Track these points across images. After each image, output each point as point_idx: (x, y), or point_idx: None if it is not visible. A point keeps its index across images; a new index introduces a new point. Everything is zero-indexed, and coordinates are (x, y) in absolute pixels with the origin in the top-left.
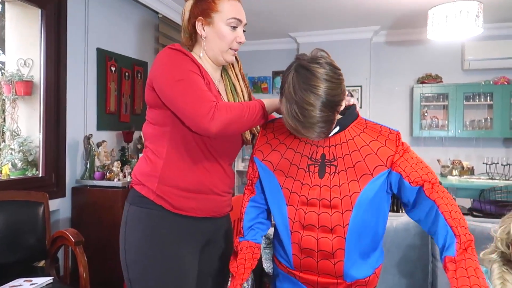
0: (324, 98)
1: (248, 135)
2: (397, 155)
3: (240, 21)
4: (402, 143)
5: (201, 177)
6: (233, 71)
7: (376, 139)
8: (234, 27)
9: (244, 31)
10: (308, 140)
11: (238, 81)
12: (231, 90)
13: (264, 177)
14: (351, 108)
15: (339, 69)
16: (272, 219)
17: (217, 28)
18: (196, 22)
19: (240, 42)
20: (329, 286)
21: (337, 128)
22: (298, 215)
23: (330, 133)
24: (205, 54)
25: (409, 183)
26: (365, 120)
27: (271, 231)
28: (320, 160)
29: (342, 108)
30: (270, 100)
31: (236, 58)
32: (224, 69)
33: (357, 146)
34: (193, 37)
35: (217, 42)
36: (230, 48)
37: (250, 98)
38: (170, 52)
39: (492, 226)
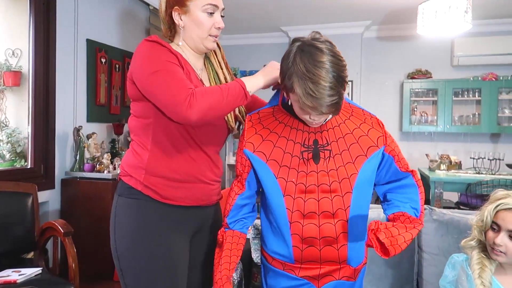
0: (334, 72)
1: (232, 122)
2: (388, 138)
3: (216, 6)
4: (384, 127)
5: (187, 167)
6: (216, 59)
7: (364, 122)
8: (211, 13)
9: (222, 16)
10: (299, 127)
11: (221, 68)
12: (214, 78)
13: (258, 169)
14: None
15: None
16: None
17: (193, 16)
18: (173, 12)
19: (219, 28)
20: (332, 273)
21: (330, 116)
22: (296, 204)
23: (340, 109)
24: (185, 43)
25: (399, 168)
26: (349, 103)
27: (259, 221)
28: (313, 146)
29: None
30: (250, 78)
31: (218, 45)
32: (206, 57)
33: (349, 129)
34: (172, 28)
35: (195, 30)
36: (210, 35)
37: None
38: (146, 44)
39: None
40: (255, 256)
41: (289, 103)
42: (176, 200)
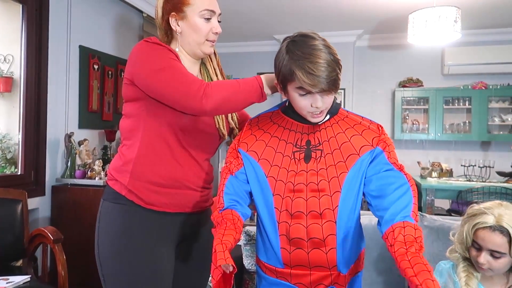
0: (328, 53)
1: (224, 130)
2: (383, 137)
3: (213, 11)
4: (384, 130)
5: (174, 172)
6: (211, 65)
7: (360, 124)
8: (208, 19)
9: (219, 21)
10: (292, 127)
11: (216, 75)
12: None
13: (249, 168)
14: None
15: None
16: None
17: (191, 21)
18: (170, 18)
19: (216, 33)
20: (323, 281)
21: (328, 117)
22: (285, 204)
23: (338, 88)
24: (181, 49)
25: (387, 158)
26: (347, 111)
27: (252, 228)
28: (306, 147)
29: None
30: (269, 76)
31: (214, 51)
32: (202, 63)
33: (341, 128)
34: (169, 34)
35: (192, 35)
36: (207, 40)
37: None
38: (147, 45)
39: None
40: (247, 262)
41: (287, 104)
42: (160, 206)
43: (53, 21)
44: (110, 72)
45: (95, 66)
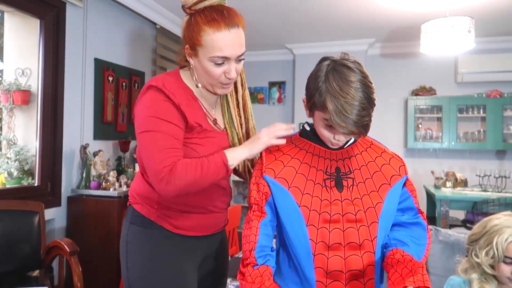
0: (365, 92)
1: (246, 175)
2: (406, 169)
3: (226, 58)
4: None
5: (199, 197)
6: (234, 97)
7: (385, 151)
8: (220, 64)
9: (242, 59)
10: (320, 153)
11: (239, 109)
12: (228, 120)
13: (278, 197)
14: None
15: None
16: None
17: (201, 62)
18: (186, 50)
19: (230, 78)
20: None
21: (352, 139)
22: (320, 235)
23: (368, 131)
24: (197, 80)
25: (415, 203)
26: (369, 137)
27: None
28: (336, 174)
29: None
30: (234, 150)
31: (242, 81)
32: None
33: (371, 157)
34: (187, 59)
35: (204, 75)
36: (220, 82)
37: (248, 131)
38: (149, 95)
39: None
40: None
41: (308, 128)
42: (187, 230)
43: (69, 35)
44: (124, 84)
45: (109, 78)
